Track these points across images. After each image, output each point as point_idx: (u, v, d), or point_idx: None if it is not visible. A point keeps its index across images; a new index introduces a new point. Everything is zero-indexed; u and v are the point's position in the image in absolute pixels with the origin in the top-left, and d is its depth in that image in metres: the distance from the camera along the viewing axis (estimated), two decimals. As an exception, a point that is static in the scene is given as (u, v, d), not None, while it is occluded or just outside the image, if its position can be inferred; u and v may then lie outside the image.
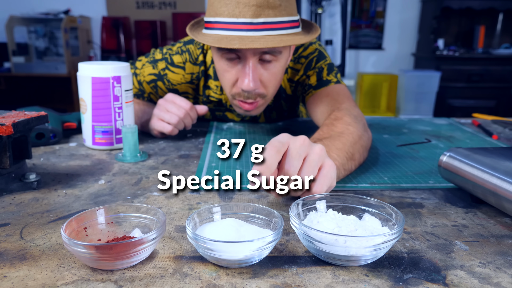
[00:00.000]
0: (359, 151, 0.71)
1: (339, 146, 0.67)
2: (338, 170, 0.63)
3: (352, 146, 0.70)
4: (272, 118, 1.11)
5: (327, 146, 0.65)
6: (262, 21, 0.77)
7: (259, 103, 0.90)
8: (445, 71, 3.31)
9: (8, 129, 0.59)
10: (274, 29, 0.78)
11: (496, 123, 1.14)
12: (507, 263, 0.44)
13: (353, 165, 0.70)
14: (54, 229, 0.51)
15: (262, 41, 0.76)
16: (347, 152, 0.68)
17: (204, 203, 0.60)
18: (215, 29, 0.80)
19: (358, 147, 0.71)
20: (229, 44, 0.76)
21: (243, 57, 0.82)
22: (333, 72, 0.98)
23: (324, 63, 0.99)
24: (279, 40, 0.78)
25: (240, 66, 0.84)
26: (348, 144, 0.69)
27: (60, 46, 3.36)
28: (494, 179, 0.54)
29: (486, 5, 3.33)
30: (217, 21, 0.80)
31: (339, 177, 0.65)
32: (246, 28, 0.77)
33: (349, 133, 0.72)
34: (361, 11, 3.68)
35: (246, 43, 0.76)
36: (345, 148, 0.68)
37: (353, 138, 0.71)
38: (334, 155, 0.64)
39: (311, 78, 0.98)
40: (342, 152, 0.66)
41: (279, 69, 0.87)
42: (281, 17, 0.79)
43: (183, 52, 1.02)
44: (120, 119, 0.83)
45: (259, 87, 0.86)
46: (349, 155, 0.68)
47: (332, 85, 0.96)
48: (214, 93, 1.04)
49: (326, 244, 0.41)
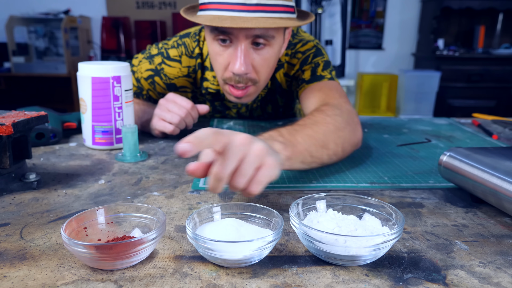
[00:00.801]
0: (335, 141, 0.71)
1: (309, 132, 0.68)
2: (302, 155, 0.64)
3: (325, 135, 0.69)
4: (268, 111, 1.11)
5: (294, 131, 0.66)
6: (256, 2, 0.77)
7: (249, 89, 0.90)
8: (445, 71, 3.30)
9: (8, 129, 0.59)
10: (268, 11, 0.78)
11: (496, 123, 1.14)
12: (507, 263, 0.44)
13: (325, 154, 0.69)
14: (54, 229, 0.51)
15: (254, 22, 0.76)
16: (318, 139, 0.68)
17: (204, 203, 0.60)
18: (208, 10, 0.81)
19: (334, 137, 0.71)
20: (220, 23, 0.76)
21: (235, 39, 0.82)
22: (328, 69, 0.98)
23: (321, 59, 0.99)
24: (271, 22, 0.78)
25: (232, 49, 0.84)
26: (320, 132, 0.69)
27: (60, 46, 3.36)
28: (494, 179, 0.54)
29: (486, 5, 3.32)
30: (210, 2, 0.80)
31: (304, 162, 0.65)
32: (238, 8, 0.77)
33: (325, 122, 0.72)
34: (361, 11, 3.68)
35: (238, 22, 0.76)
36: (316, 136, 0.68)
37: (328, 128, 0.71)
38: (299, 139, 0.65)
39: (305, 72, 0.98)
40: (311, 138, 0.67)
41: (271, 54, 0.87)
42: (275, 0, 0.78)
43: (178, 46, 1.03)
44: (120, 119, 0.83)
45: (251, 72, 0.86)
46: (319, 142, 0.68)
47: (326, 80, 0.95)
48: (212, 84, 1.04)
49: (326, 244, 0.41)
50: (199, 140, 0.46)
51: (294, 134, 0.65)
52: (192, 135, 0.46)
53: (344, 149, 0.74)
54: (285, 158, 0.60)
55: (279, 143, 0.61)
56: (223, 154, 0.48)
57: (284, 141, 0.62)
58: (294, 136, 0.65)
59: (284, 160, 0.60)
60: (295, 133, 0.66)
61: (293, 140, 0.64)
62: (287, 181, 0.69)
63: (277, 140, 0.62)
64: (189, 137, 0.46)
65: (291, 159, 0.62)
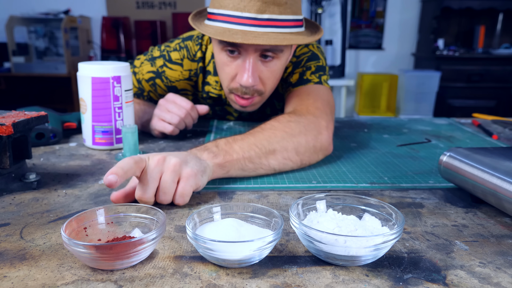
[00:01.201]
0: (285, 147, 0.71)
1: (251, 140, 0.69)
2: (240, 162, 0.66)
3: (270, 142, 0.70)
4: (267, 113, 1.11)
5: (232, 141, 0.68)
6: (267, 17, 0.77)
7: (255, 99, 0.90)
8: (445, 71, 3.30)
9: (8, 129, 0.59)
10: (278, 26, 0.78)
11: (496, 123, 1.14)
12: (507, 263, 0.44)
13: (272, 159, 0.70)
14: (54, 229, 0.51)
15: (265, 38, 0.76)
16: (260, 146, 0.69)
17: (204, 203, 0.60)
18: (218, 21, 0.80)
19: (283, 144, 0.71)
20: (231, 38, 0.76)
21: (244, 52, 0.82)
22: (318, 73, 0.95)
23: (315, 64, 0.97)
24: (282, 38, 0.78)
25: (240, 61, 0.84)
26: (264, 138, 0.70)
27: (60, 46, 3.36)
28: (494, 179, 0.54)
29: (486, 5, 3.32)
30: (220, 13, 0.79)
31: (244, 169, 0.67)
32: (249, 23, 0.77)
33: (273, 129, 0.72)
34: (361, 11, 3.68)
35: (249, 38, 0.76)
36: (258, 143, 0.69)
37: (275, 134, 0.71)
38: (236, 147, 0.67)
39: (293, 76, 0.96)
40: (251, 146, 0.68)
41: (279, 67, 0.87)
42: (285, 15, 0.78)
43: (181, 49, 1.02)
44: (120, 119, 0.83)
45: (258, 84, 0.85)
46: (263, 149, 0.69)
47: (311, 85, 0.92)
48: (213, 89, 1.04)
49: (326, 244, 0.41)
50: (123, 171, 0.52)
51: (231, 143, 0.68)
52: (116, 166, 0.52)
53: (299, 152, 0.73)
54: (215, 165, 0.64)
55: (208, 153, 0.65)
56: (143, 180, 0.55)
57: (216, 151, 0.66)
58: (230, 145, 0.67)
59: (215, 167, 0.64)
60: (233, 142, 0.68)
61: (228, 149, 0.66)
62: (287, 181, 0.69)
63: (209, 150, 0.66)
64: (114, 168, 0.52)
65: (224, 166, 0.65)
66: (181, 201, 0.57)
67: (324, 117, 0.80)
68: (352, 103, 3.84)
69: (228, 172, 0.66)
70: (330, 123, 0.80)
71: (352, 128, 1.08)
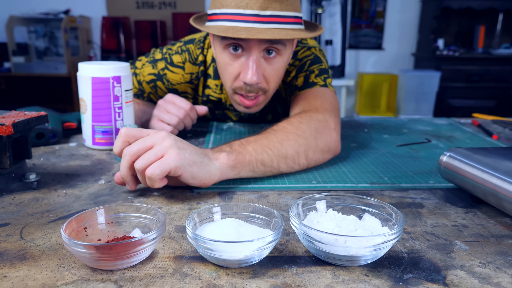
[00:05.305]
0: (295, 149, 0.71)
1: (264, 143, 0.69)
2: (251, 164, 0.67)
3: (282, 144, 0.70)
4: (268, 120, 1.11)
5: (246, 142, 0.69)
6: (269, 13, 0.77)
7: (259, 99, 0.89)
8: (445, 71, 3.30)
9: (8, 129, 0.59)
10: (280, 22, 0.79)
11: (496, 123, 1.14)
12: (507, 263, 0.44)
13: (282, 162, 0.70)
14: (54, 229, 0.51)
15: (269, 33, 0.77)
16: (273, 149, 0.69)
17: (204, 203, 0.60)
18: (220, 21, 0.80)
19: (294, 146, 0.71)
20: (236, 34, 0.76)
21: (247, 49, 0.82)
22: (322, 76, 0.96)
23: (318, 67, 0.97)
24: (285, 33, 0.78)
25: (244, 59, 0.84)
26: (277, 141, 0.70)
27: (60, 46, 3.36)
28: (494, 179, 0.54)
29: (486, 5, 3.32)
30: (223, 13, 0.80)
31: (255, 170, 0.68)
32: (252, 19, 0.77)
33: (285, 131, 0.73)
34: (361, 11, 3.68)
35: (253, 33, 0.76)
36: (271, 145, 0.69)
37: (287, 136, 0.72)
38: (250, 149, 0.67)
39: (299, 79, 0.97)
40: (264, 148, 0.68)
41: (281, 64, 0.87)
42: (287, 12, 0.79)
43: (182, 52, 1.02)
44: (120, 119, 0.83)
45: (262, 81, 0.86)
46: (275, 152, 0.69)
47: (317, 87, 0.93)
48: (214, 92, 1.04)
49: (326, 244, 0.41)
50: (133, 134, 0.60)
51: (245, 144, 0.68)
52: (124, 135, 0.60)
53: (308, 156, 0.73)
54: (226, 166, 0.64)
55: (220, 153, 0.65)
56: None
57: (230, 151, 0.66)
58: (244, 147, 0.67)
59: (225, 168, 0.64)
60: (246, 144, 0.68)
61: (242, 151, 0.67)
62: (287, 181, 0.69)
63: (223, 150, 0.66)
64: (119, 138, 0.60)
65: (236, 167, 0.65)
66: (150, 172, 0.56)
67: (333, 118, 0.81)
68: (352, 103, 3.84)
69: (239, 174, 0.66)
70: (337, 125, 0.82)
71: (352, 128, 1.08)
